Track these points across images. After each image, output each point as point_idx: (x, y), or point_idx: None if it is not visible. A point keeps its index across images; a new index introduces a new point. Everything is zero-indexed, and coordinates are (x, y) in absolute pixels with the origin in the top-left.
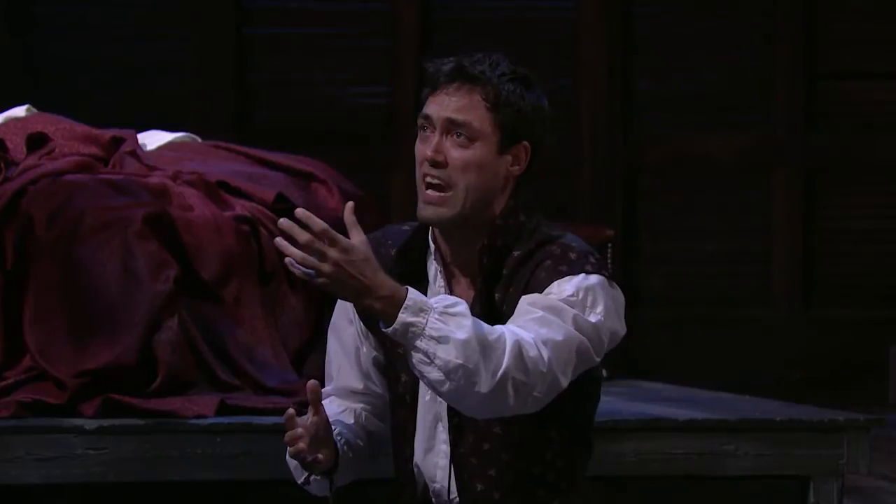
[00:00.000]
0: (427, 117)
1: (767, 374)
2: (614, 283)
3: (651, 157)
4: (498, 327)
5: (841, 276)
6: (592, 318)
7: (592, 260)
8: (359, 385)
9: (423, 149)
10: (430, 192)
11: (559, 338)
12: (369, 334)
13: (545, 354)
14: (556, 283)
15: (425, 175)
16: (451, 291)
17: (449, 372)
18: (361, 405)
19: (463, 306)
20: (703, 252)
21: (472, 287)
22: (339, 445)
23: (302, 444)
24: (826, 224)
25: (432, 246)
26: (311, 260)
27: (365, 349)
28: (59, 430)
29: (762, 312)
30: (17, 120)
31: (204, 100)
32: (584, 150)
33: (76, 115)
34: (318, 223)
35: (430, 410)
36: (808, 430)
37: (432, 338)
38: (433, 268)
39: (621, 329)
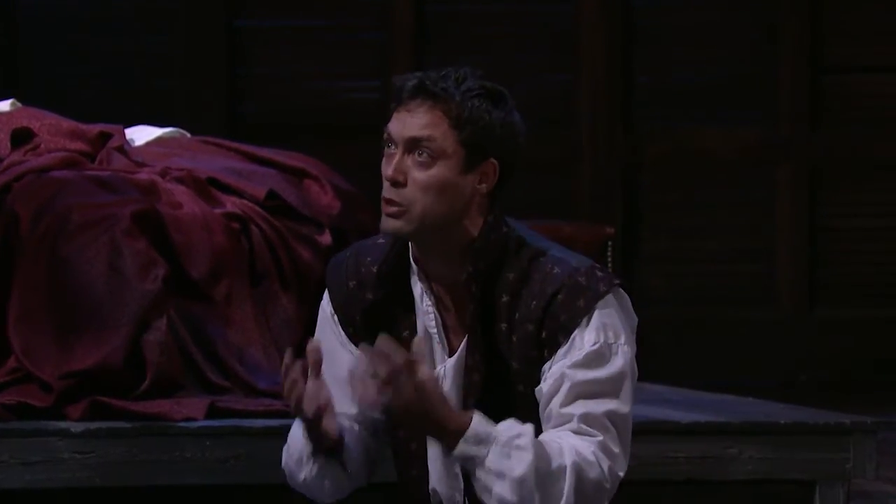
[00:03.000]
0: (389, 134)
1: (771, 376)
2: (620, 290)
3: (652, 153)
4: (558, 447)
5: (847, 275)
6: (621, 358)
7: (599, 274)
8: (354, 409)
9: (386, 168)
10: (388, 207)
11: (619, 409)
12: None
13: (606, 466)
14: (576, 335)
15: (386, 194)
16: (438, 311)
17: None
18: (358, 425)
19: (528, 438)
20: (705, 250)
21: (455, 306)
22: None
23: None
24: (832, 222)
25: (415, 266)
26: (387, 392)
27: None
28: (45, 434)
29: (766, 312)
30: (1, 114)
31: (193, 94)
32: (583, 146)
33: (62, 110)
34: (401, 355)
35: None
36: (814, 433)
37: (490, 471)
38: (418, 287)
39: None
